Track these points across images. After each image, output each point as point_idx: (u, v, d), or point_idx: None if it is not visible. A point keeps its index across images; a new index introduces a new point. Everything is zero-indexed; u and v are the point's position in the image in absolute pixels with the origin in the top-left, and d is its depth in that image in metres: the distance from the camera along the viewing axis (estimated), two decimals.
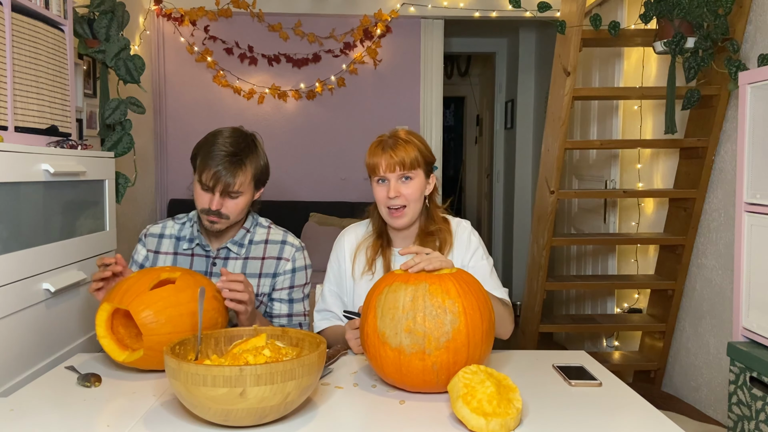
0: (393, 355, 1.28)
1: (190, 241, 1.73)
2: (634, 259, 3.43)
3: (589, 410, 1.23)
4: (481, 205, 6.86)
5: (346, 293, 1.76)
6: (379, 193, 1.65)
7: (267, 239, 1.75)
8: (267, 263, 1.73)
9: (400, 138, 1.64)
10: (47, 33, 2.14)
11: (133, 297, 1.38)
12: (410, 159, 1.61)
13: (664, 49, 2.65)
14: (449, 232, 1.71)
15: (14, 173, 1.69)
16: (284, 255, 1.74)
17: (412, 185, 1.63)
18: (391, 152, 1.61)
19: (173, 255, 1.74)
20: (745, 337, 1.97)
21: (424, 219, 1.72)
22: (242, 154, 1.61)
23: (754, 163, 1.94)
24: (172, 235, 1.76)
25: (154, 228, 1.78)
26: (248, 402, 1.07)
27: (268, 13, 4.16)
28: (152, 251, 1.76)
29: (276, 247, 1.74)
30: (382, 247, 1.71)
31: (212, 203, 1.59)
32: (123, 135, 2.78)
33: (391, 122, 4.31)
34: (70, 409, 1.23)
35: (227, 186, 1.58)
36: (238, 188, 1.60)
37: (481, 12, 4.14)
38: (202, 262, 1.72)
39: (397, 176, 1.62)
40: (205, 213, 1.62)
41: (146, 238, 1.77)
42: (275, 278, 1.74)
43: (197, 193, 1.63)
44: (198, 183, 1.61)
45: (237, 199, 1.62)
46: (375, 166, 1.63)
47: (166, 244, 1.75)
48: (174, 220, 1.79)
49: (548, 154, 3.05)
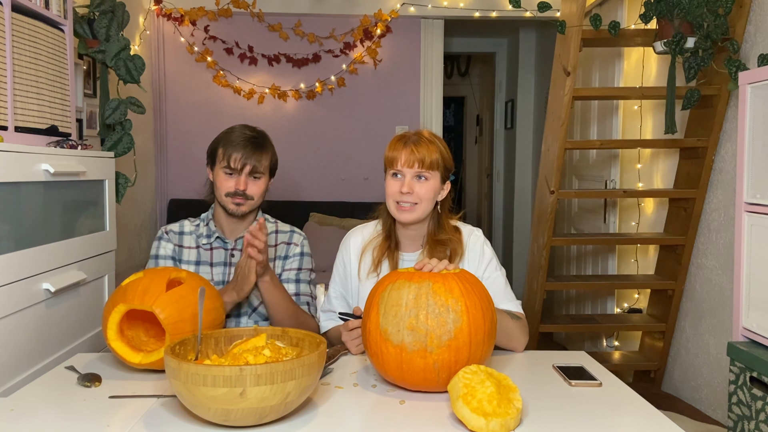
0: (395, 352, 1.28)
1: (208, 236, 1.83)
2: (634, 259, 3.43)
3: (589, 410, 1.23)
4: (481, 205, 6.86)
5: (351, 295, 1.75)
6: (392, 186, 1.63)
7: (277, 230, 1.89)
8: (279, 248, 1.86)
9: (423, 136, 1.63)
10: (47, 33, 2.14)
11: (153, 298, 1.38)
12: (431, 159, 1.60)
13: (664, 49, 2.65)
14: (460, 242, 1.69)
15: (14, 173, 1.69)
16: (293, 240, 1.88)
17: (427, 185, 1.61)
18: (413, 147, 1.60)
19: (195, 249, 1.83)
20: (745, 337, 1.97)
21: (433, 226, 1.69)
22: (261, 139, 1.79)
23: (754, 163, 1.94)
24: (191, 231, 1.86)
25: (173, 226, 1.87)
26: (248, 402, 1.07)
27: (268, 13, 4.16)
28: (177, 245, 1.84)
29: (285, 235, 1.88)
30: (390, 249, 1.69)
31: (239, 184, 1.73)
32: (123, 135, 2.78)
33: (391, 122, 4.32)
34: (70, 409, 1.23)
35: (253, 166, 1.73)
36: (261, 169, 1.76)
37: (481, 12, 4.14)
38: (221, 254, 1.83)
39: (414, 173, 1.60)
40: (231, 196, 1.75)
41: (167, 234, 1.85)
42: (285, 260, 1.86)
43: (221, 180, 1.76)
44: (223, 170, 1.75)
45: (259, 181, 1.77)
46: (394, 159, 1.62)
47: (187, 239, 1.84)
48: (189, 221, 1.88)
49: (548, 154, 3.05)
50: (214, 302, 1.47)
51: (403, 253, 1.71)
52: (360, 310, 1.55)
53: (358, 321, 1.53)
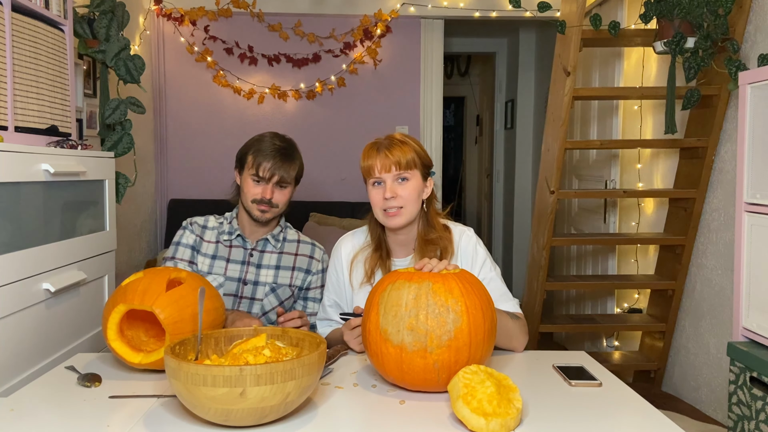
0: (395, 352, 1.28)
1: (230, 234, 1.89)
2: (634, 259, 3.43)
3: (589, 410, 1.23)
4: (481, 205, 6.86)
5: (345, 302, 1.75)
6: (375, 196, 1.62)
7: (299, 239, 1.95)
8: (300, 259, 1.92)
9: (395, 139, 1.62)
10: (47, 33, 2.14)
11: (153, 298, 1.38)
12: (406, 159, 1.59)
13: (664, 49, 2.65)
14: (450, 240, 1.68)
15: (14, 173, 1.69)
16: (315, 256, 1.94)
17: (409, 186, 1.60)
18: (386, 152, 1.59)
19: (215, 244, 1.89)
20: (745, 337, 1.97)
21: (422, 226, 1.68)
22: (291, 150, 1.86)
23: (754, 163, 1.94)
24: (214, 227, 1.92)
25: (198, 219, 1.93)
26: (248, 402, 1.07)
27: (268, 13, 4.16)
28: (199, 236, 1.89)
29: (308, 247, 1.95)
30: (381, 258, 1.68)
31: (266, 192, 1.79)
32: (123, 135, 2.78)
33: (391, 122, 4.31)
34: (70, 409, 1.23)
35: (281, 177, 1.80)
36: (289, 179, 1.82)
37: (481, 12, 4.14)
38: (240, 253, 1.88)
39: (393, 176, 1.59)
40: (257, 203, 1.81)
41: (191, 225, 1.91)
42: (308, 275, 1.92)
43: (248, 186, 1.82)
44: (251, 176, 1.81)
45: (285, 190, 1.84)
46: (370, 168, 1.61)
47: (209, 233, 1.91)
48: (214, 217, 1.95)
49: (548, 154, 3.05)
50: (214, 302, 1.47)
51: (395, 260, 1.70)
52: (360, 308, 1.55)
53: (359, 319, 1.54)
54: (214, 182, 4.10)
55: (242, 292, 1.86)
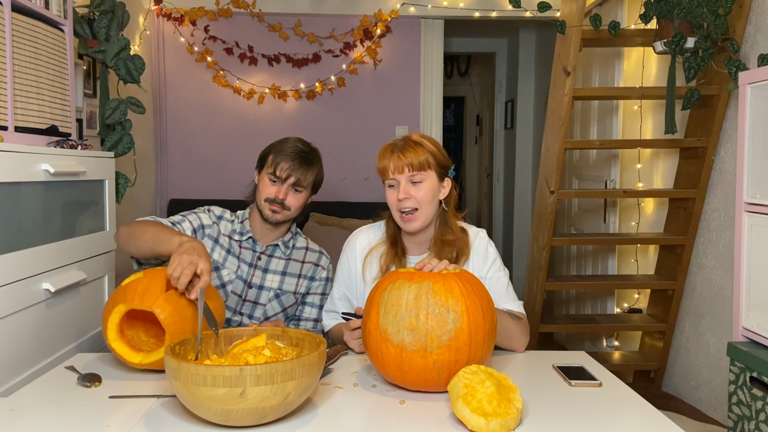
0: (395, 352, 1.28)
1: (240, 234, 1.87)
2: (634, 259, 3.43)
3: (589, 410, 1.23)
4: (481, 205, 6.86)
5: (355, 296, 1.75)
6: (391, 196, 1.63)
7: (307, 247, 1.95)
8: (306, 266, 1.91)
9: (410, 140, 1.63)
10: (47, 33, 2.13)
11: (153, 298, 1.38)
12: (419, 160, 1.59)
13: (664, 49, 2.65)
14: (466, 242, 1.68)
15: (14, 173, 1.69)
16: (321, 263, 1.94)
17: (423, 187, 1.61)
18: (399, 154, 1.60)
19: (228, 238, 1.87)
20: (745, 337, 1.97)
21: (439, 226, 1.68)
22: (312, 155, 1.85)
23: (754, 163, 1.94)
24: (228, 222, 1.90)
25: (217, 210, 1.91)
26: (248, 402, 1.07)
27: (268, 13, 4.16)
28: (215, 222, 1.88)
29: (315, 254, 1.94)
30: (396, 256, 1.68)
31: (280, 192, 1.78)
32: (123, 135, 2.78)
33: (391, 122, 4.31)
34: (70, 409, 1.23)
35: (297, 179, 1.79)
36: (305, 184, 1.81)
37: (481, 12, 4.13)
38: (249, 255, 1.87)
39: (407, 178, 1.60)
40: (270, 202, 1.79)
41: (208, 213, 1.89)
42: (312, 281, 1.92)
43: (264, 184, 1.81)
44: (268, 175, 1.80)
45: (300, 194, 1.82)
46: (384, 169, 1.63)
47: (224, 226, 1.88)
48: (228, 213, 1.93)
49: (548, 154, 3.05)
50: (214, 302, 1.47)
51: (410, 257, 1.70)
52: (362, 309, 1.55)
53: (359, 321, 1.54)
54: (215, 182, 4.10)
55: (246, 294, 1.85)
